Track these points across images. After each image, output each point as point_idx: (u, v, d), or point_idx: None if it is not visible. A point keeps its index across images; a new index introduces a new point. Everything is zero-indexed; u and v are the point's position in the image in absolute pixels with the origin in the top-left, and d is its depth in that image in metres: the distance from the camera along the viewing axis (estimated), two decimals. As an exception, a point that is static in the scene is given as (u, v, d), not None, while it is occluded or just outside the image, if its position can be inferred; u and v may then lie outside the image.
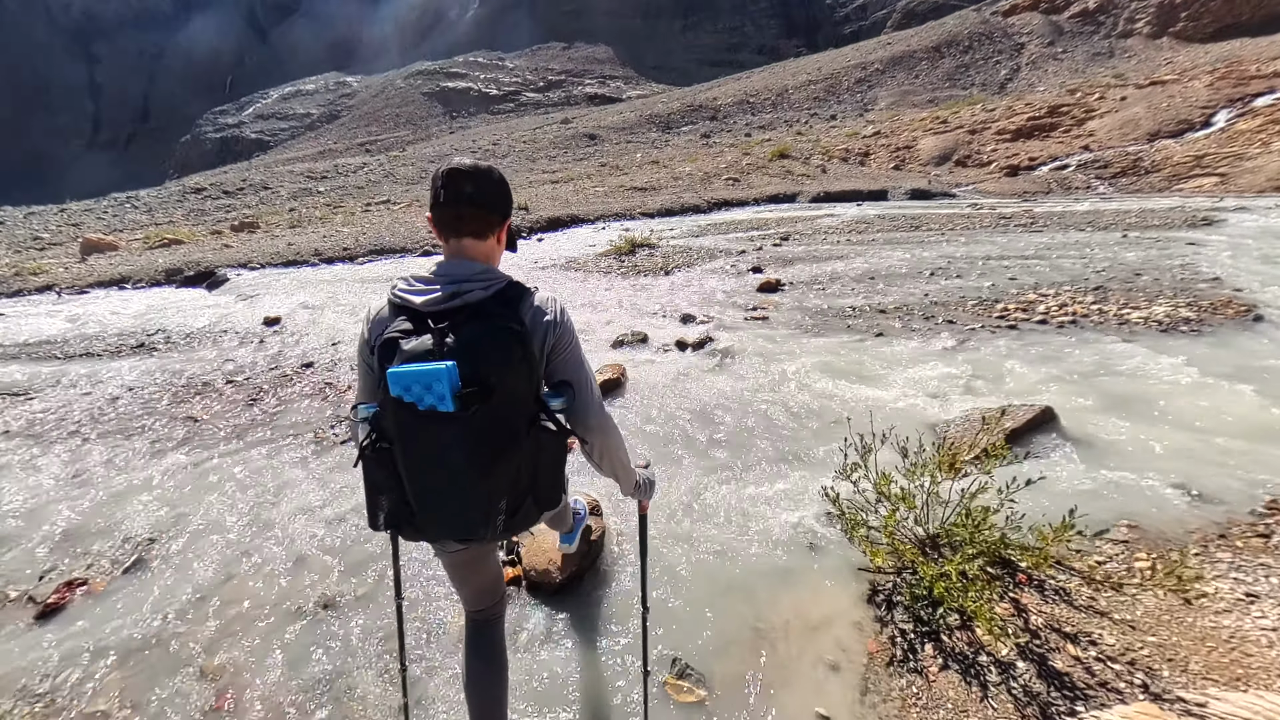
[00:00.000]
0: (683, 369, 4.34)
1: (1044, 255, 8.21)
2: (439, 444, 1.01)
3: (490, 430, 1.01)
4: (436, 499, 1.06)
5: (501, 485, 1.06)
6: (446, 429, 0.99)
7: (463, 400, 0.97)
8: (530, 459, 1.10)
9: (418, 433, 1.01)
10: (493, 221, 1.17)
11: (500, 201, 1.18)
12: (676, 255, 9.87)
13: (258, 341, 6.01)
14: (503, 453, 1.04)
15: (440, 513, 1.07)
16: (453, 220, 1.14)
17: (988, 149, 25.97)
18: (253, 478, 3.01)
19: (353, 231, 14.31)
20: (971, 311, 5.61)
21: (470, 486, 1.03)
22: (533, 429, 1.09)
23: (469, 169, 1.13)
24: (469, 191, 1.12)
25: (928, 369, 4.13)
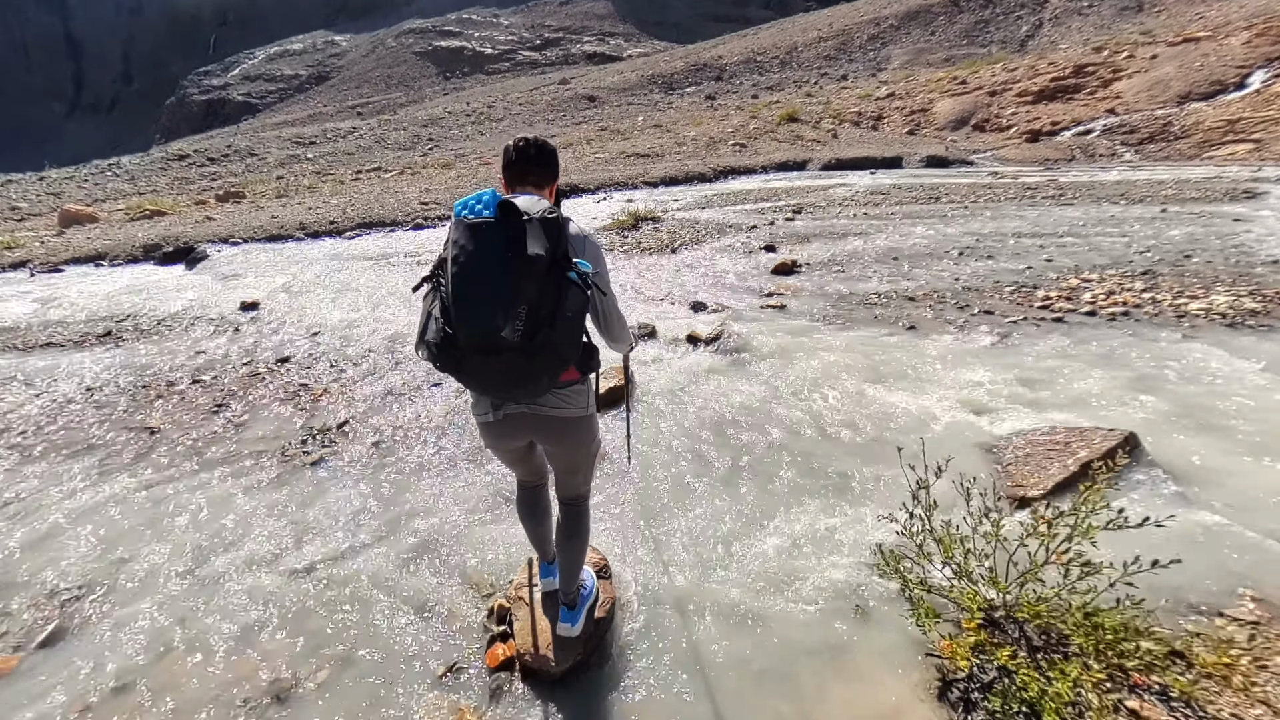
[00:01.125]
0: (695, 370, 3.90)
1: (1079, 232, 7.63)
2: (477, 243, 1.26)
3: (517, 239, 1.25)
4: (468, 284, 1.25)
5: (520, 291, 1.25)
6: (487, 231, 1.26)
7: (502, 208, 1.26)
8: (552, 292, 1.29)
9: (465, 234, 1.27)
10: (548, 177, 1.57)
11: (553, 163, 1.58)
12: (683, 230, 9.27)
13: (232, 330, 5.55)
14: (525, 262, 1.25)
15: (468, 299, 1.26)
16: (520, 173, 1.52)
17: (1008, 112, 24.74)
18: (206, 511, 2.62)
19: (340, 202, 13.61)
20: (1010, 300, 5.12)
21: (495, 278, 1.24)
22: (556, 270, 1.31)
23: (533, 139, 1.55)
24: (533, 154, 1.53)
25: (970, 372, 3.68)
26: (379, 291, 6.73)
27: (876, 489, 2.58)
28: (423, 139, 29.51)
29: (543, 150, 1.55)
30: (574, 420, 1.58)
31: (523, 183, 1.54)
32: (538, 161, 1.54)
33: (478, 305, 1.25)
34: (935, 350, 4.08)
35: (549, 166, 1.57)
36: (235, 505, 2.64)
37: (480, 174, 18.25)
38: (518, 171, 1.53)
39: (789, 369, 3.87)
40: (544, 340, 1.28)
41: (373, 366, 4.33)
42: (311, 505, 2.64)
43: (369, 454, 3.03)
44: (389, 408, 3.57)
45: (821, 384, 3.61)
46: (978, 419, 3.13)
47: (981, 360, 3.84)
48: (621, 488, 2.64)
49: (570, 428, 1.59)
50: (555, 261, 1.31)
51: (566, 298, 1.31)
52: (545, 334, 1.28)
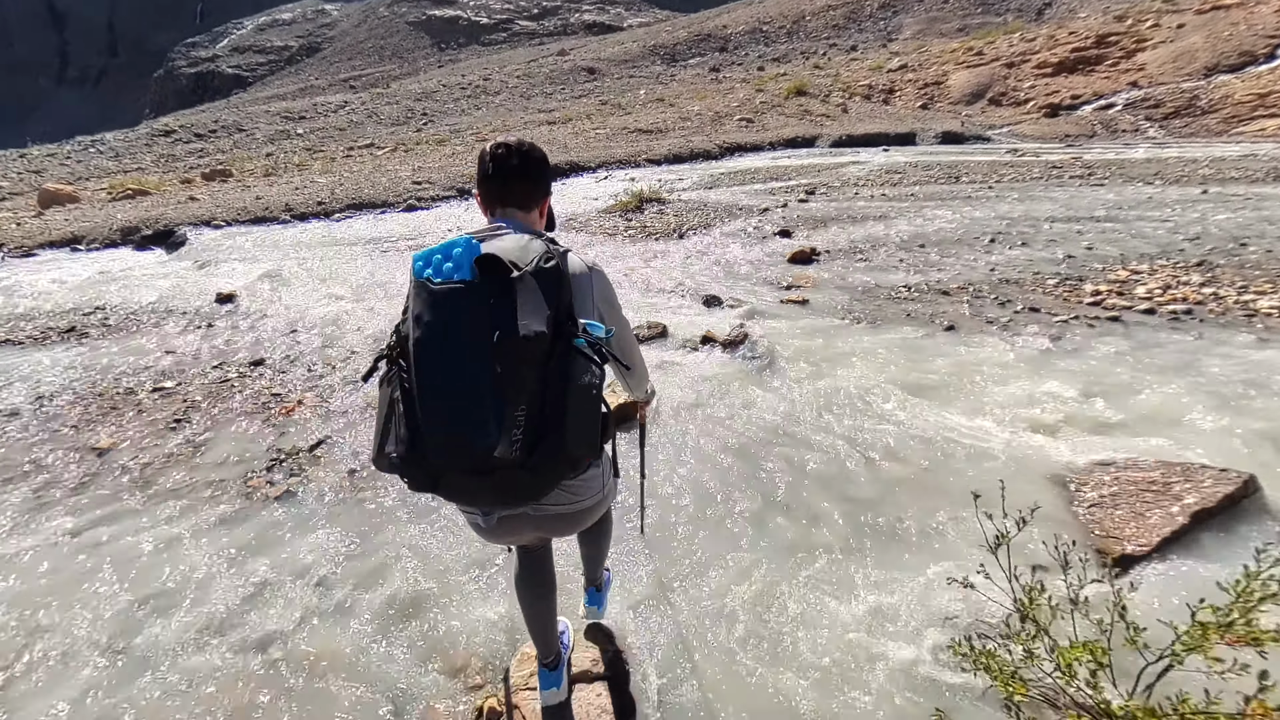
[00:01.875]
0: (713, 379, 3.48)
1: (1117, 217, 7.10)
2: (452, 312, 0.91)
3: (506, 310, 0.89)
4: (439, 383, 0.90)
5: (517, 385, 0.90)
6: (460, 302, 0.91)
7: (481, 265, 0.91)
8: (558, 379, 0.94)
9: (431, 305, 0.92)
10: (536, 194, 1.20)
11: (543, 176, 1.21)
12: (690, 213, 8.74)
13: (205, 326, 5.12)
14: (519, 345, 0.89)
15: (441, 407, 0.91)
16: (500, 191, 1.17)
17: (1025, 85, 23.73)
18: (148, 560, 2.23)
19: (329, 182, 13.00)
20: (1056, 295, 4.66)
21: (475, 376, 0.90)
22: (561, 343, 0.96)
23: (514, 145, 1.16)
24: (515, 164, 1.15)
25: (1026, 383, 3.26)
26: (366, 281, 6.27)
27: (936, 537, 2.19)
28: (416, 114, 28.48)
29: (528, 159, 1.18)
30: (587, 510, 1.22)
31: (504, 203, 1.19)
32: (522, 174, 1.18)
33: (456, 417, 0.91)
34: (981, 356, 3.65)
35: (538, 180, 1.21)
36: (183, 553, 2.25)
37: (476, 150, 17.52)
38: (497, 189, 1.18)
39: (819, 379, 3.44)
40: (551, 449, 0.93)
41: (354, 372, 3.91)
42: (272, 552, 2.25)
43: (343, 485, 2.63)
44: (369, 425, 3.15)
45: (857, 399, 3.19)
46: (1044, 444, 2.72)
47: (1037, 369, 3.41)
48: (635, 545, 2.25)
49: (582, 518, 1.24)
50: (559, 333, 0.96)
51: (578, 382, 0.95)
52: (552, 441, 0.93)
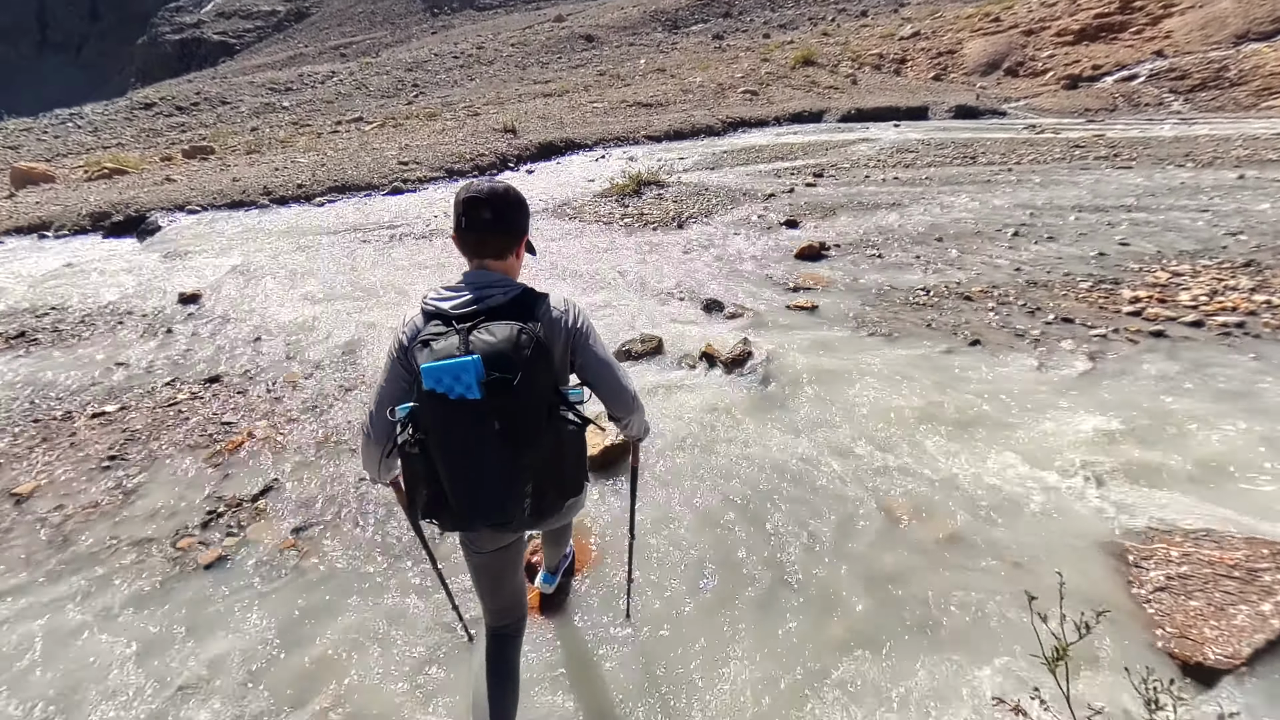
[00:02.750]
0: (713, 410, 3.11)
1: (1149, 205, 6.61)
2: (470, 429, 1.09)
3: (514, 415, 1.10)
4: (469, 482, 1.12)
5: (526, 468, 1.13)
6: (475, 414, 1.07)
7: (487, 388, 1.06)
8: (553, 447, 1.17)
9: (450, 420, 1.09)
10: (511, 243, 1.26)
11: (517, 223, 1.26)
12: (691, 199, 8.22)
13: (164, 332, 4.72)
14: (527, 437, 1.12)
15: (472, 495, 1.13)
16: (475, 245, 1.24)
17: (1044, 54, 22.64)
18: (39, 655, 1.90)
19: (311, 162, 12.38)
20: (1090, 301, 4.24)
21: (499, 466, 1.11)
22: (553, 418, 1.17)
23: (486, 195, 1.21)
24: (487, 218, 1.21)
25: (1064, 416, 2.88)
26: (341, 278, 5.84)
27: (975, 626, 1.85)
28: (407, 84, 27.33)
29: (501, 211, 1.22)
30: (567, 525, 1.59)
31: (480, 255, 1.25)
32: (495, 227, 1.23)
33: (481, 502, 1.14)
34: (1012, 379, 3.26)
35: (512, 227, 1.25)
36: (88, 646, 1.93)
37: (467, 127, 16.75)
38: (473, 243, 1.24)
39: (832, 408, 3.07)
40: (552, 503, 1.23)
41: (317, 394, 3.54)
42: (194, 642, 1.92)
43: (285, 550, 2.29)
44: (324, 465, 2.80)
45: (877, 435, 2.82)
46: (1092, 498, 2.36)
47: (1075, 398, 3.03)
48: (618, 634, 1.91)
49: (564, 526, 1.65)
50: (551, 413, 1.17)
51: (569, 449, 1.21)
52: (552, 498, 1.22)
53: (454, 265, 6.01)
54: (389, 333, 4.69)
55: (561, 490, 1.22)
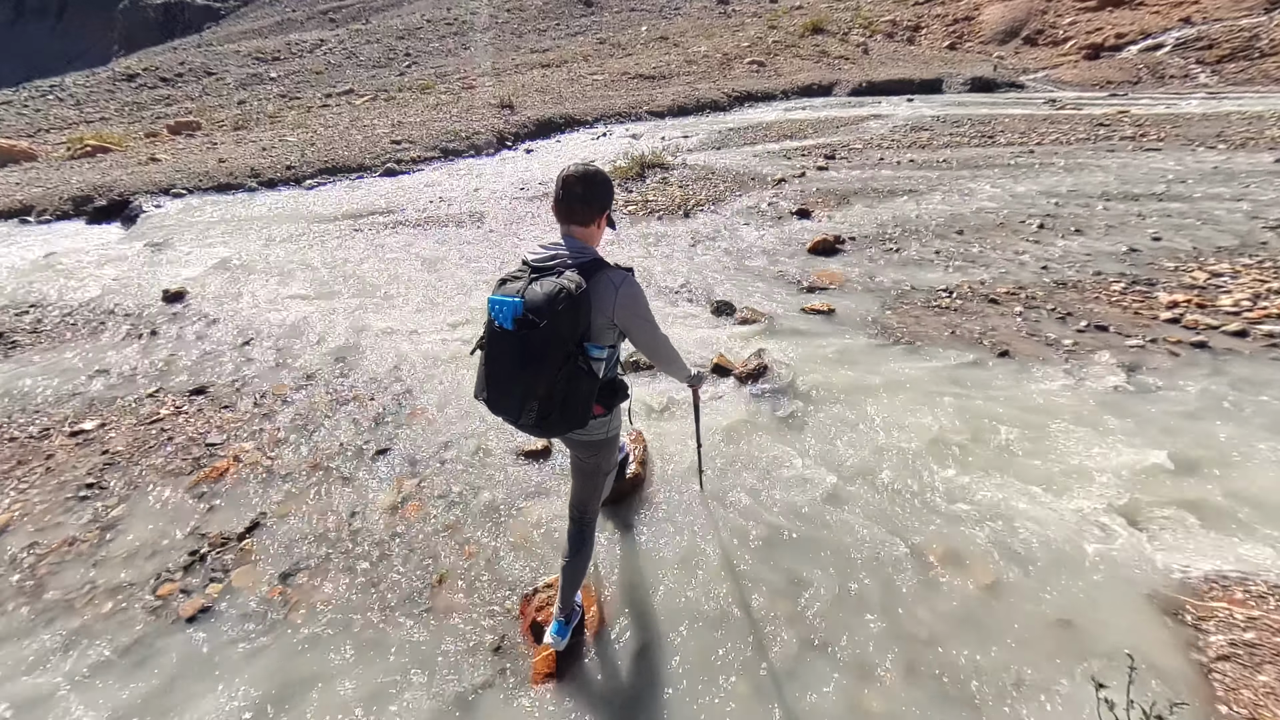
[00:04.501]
0: (727, 433, 2.92)
1: (1181, 193, 6.28)
2: (499, 348, 1.50)
3: (532, 349, 1.44)
4: (493, 383, 1.54)
5: (533, 390, 1.47)
6: (506, 340, 1.47)
7: (517, 324, 1.42)
8: (563, 384, 1.48)
9: (492, 339, 1.51)
10: (594, 211, 1.57)
11: (601, 198, 1.58)
12: (697, 183, 7.87)
13: (148, 334, 4.51)
14: (538, 368, 1.45)
15: (494, 394, 1.55)
16: (566, 211, 1.56)
17: (1065, 21, 21.66)
18: (16, 726, 1.76)
19: (301, 140, 11.91)
20: (1124, 306, 4.00)
21: (511, 381, 1.50)
22: (569, 362, 1.48)
23: (580, 174, 1.55)
24: (579, 192, 1.55)
25: (1102, 443, 2.70)
26: (333, 272, 5.59)
27: (1022, 704, 1.70)
28: (399, 54, 26.29)
29: (589, 188, 1.55)
30: (590, 442, 1.77)
31: (570, 220, 1.57)
32: (584, 200, 1.54)
33: (498, 401, 1.55)
34: (1045, 396, 3.06)
35: (594, 200, 1.56)
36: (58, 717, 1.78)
37: (462, 101, 16.12)
38: (564, 210, 1.56)
39: (854, 431, 2.88)
40: (554, 421, 1.53)
41: (307, 409, 3.35)
42: (178, 711, 1.78)
43: (273, 600, 2.14)
44: (314, 495, 2.63)
45: (904, 463, 2.64)
46: (1140, 542, 2.19)
47: (1116, 421, 2.84)
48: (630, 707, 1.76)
49: (588, 445, 1.78)
50: (568, 356, 1.47)
51: (575, 388, 1.50)
52: (555, 417, 1.52)
53: (448, 259, 5.75)
54: (384, 336, 4.51)
55: (564, 415, 1.51)
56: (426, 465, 2.79)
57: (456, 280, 5.19)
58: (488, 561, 2.24)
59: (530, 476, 2.69)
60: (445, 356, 3.83)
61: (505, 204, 7.71)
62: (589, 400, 1.55)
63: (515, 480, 2.67)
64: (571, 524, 1.95)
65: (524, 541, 2.32)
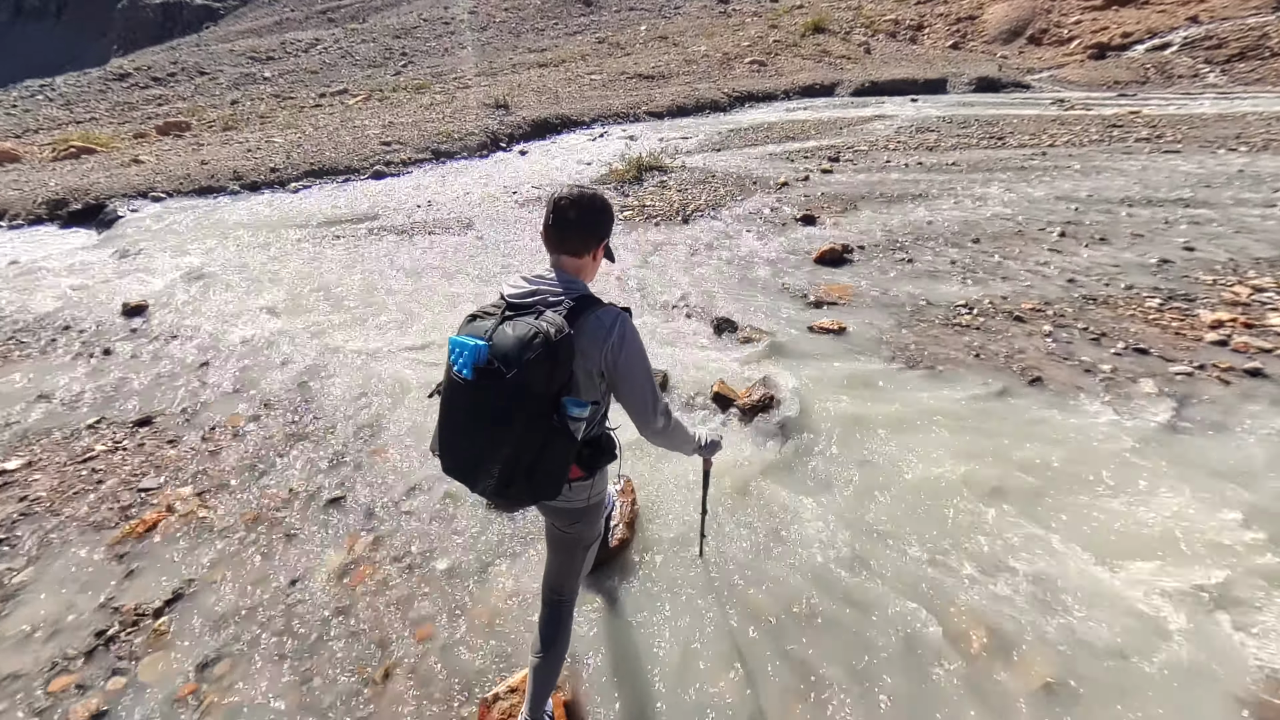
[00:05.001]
0: (729, 478, 2.57)
1: (1209, 199, 5.93)
2: (456, 401, 1.25)
3: (494, 405, 1.18)
4: (445, 441, 1.29)
5: (494, 454, 1.20)
6: (465, 392, 1.21)
7: (478, 373, 1.17)
8: (532, 447, 1.20)
9: (450, 388, 1.26)
10: (589, 243, 1.35)
11: (598, 227, 1.35)
12: (696, 187, 7.52)
13: (101, 353, 4.16)
14: (500, 429, 1.19)
15: (447, 455, 1.29)
16: (556, 239, 1.33)
17: (1070, 20, 21.34)
18: None
19: (288, 141, 11.55)
20: (1163, 325, 3.65)
21: (467, 441, 1.24)
22: (540, 422, 1.20)
23: (575, 197, 1.32)
24: (572, 217, 1.31)
25: (1161, 493, 2.35)
26: (307, 284, 5.23)
27: None
28: (395, 53, 25.93)
29: (584, 214, 1.32)
30: (569, 510, 1.47)
31: (560, 249, 1.34)
32: (577, 226, 1.32)
33: (451, 466, 1.29)
34: (1086, 436, 2.71)
35: (590, 228, 1.33)
36: None
37: (456, 101, 15.77)
38: (555, 237, 1.34)
39: (874, 475, 2.53)
40: (519, 491, 1.25)
41: (259, 445, 3.00)
42: None
43: (182, 698, 1.78)
44: (249, 558, 2.28)
45: (932, 518, 2.29)
46: (1218, 624, 1.84)
47: (1171, 466, 2.49)
48: None
49: (564, 514, 1.49)
50: (539, 414, 1.20)
51: (547, 453, 1.23)
52: (520, 486, 1.23)
53: (429, 270, 5.39)
54: (353, 358, 4.16)
55: (531, 484, 1.24)
56: (384, 517, 2.44)
57: (437, 294, 4.84)
58: (444, 649, 1.88)
59: (503, 532, 2.34)
60: (416, 383, 3.48)
61: (495, 209, 7.36)
62: (563, 467, 1.27)
63: (485, 537, 2.32)
64: (544, 607, 1.65)
65: (490, 621, 1.97)
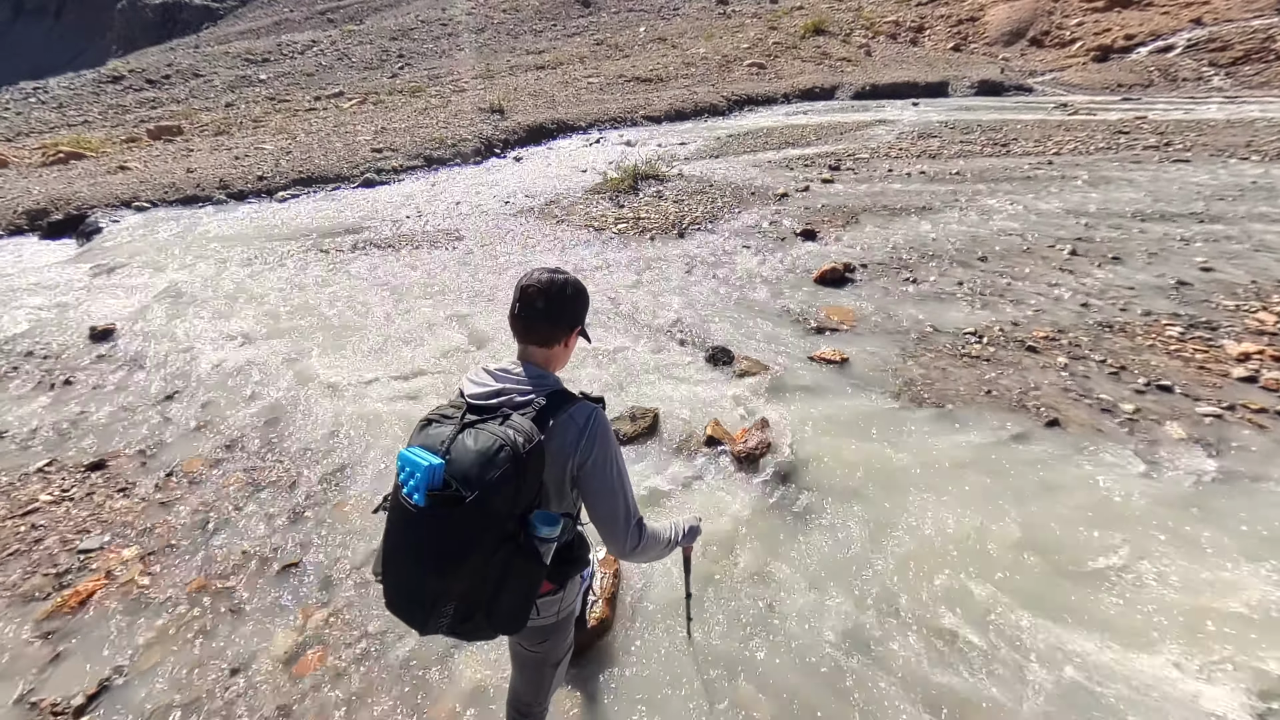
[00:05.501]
0: (721, 541, 2.35)
1: (1223, 213, 5.72)
2: (404, 528, 1.05)
3: (450, 539, 1.02)
4: (392, 575, 1.09)
5: (451, 590, 1.04)
6: (414, 523, 1.03)
7: (432, 500, 1.00)
8: (494, 577, 1.04)
9: (397, 510, 1.06)
10: (558, 333, 1.21)
11: (569, 315, 1.21)
12: (693, 198, 7.30)
13: (62, 382, 3.94)
14: (457, 562, 1.02)
15: (392, 589, 1.10)
16: (523, 330, 1.20)
17: (1071, 22, 21.13)
18: None
19: (278, 148, 11.32)
20: (1185, 357, 3.44)
21: (418, 579, 1.05)
22: (504, 547, 1.04)
23: (544, 285, 1.17)
24: (540, 307, 1.17)
25: (1203, 568, 2.13)
26: (285, 304, 5.01)
27: None
28: (392, 55, 25.70)
29: (553, 303, 1.16)
30: (536, 629, 1.28)
31: (527, 339, 1.20)
32: (545, 317, 1.17)
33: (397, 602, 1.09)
34: (1113, 493, 2.49)
35: (560, 317, 1.18)
36: None
37: (451, 105, 15.55)
38: (521, 327, 1.19)
39: (879, 539, 2.31)
40: (476, 625, 1.07)
41: (216, 494, 2.78)
42: None
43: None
44: (190, 639, 2.06)
45: (945, 594, 2.07)
46: None
47: (1209, 533, 2.27)
48: None
49: (530, 633, 1.29)
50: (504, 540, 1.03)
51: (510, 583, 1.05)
52: (478, 621, 1.06)
53: (414, 288, 5.17)
54: (326, 391, 3.94)
55: (491, 620, 1.08)
56: (342, 586, 2.22)
57: (419, 317, 4.62)
58: (397, 759, 1.67)
59: (471, 606, 2.12)
60: (390, 419, 3.26)
61: (487, 220, 7.14)
62: (529, 597, 1.11)
63: (452, 612, 2.10)
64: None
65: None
